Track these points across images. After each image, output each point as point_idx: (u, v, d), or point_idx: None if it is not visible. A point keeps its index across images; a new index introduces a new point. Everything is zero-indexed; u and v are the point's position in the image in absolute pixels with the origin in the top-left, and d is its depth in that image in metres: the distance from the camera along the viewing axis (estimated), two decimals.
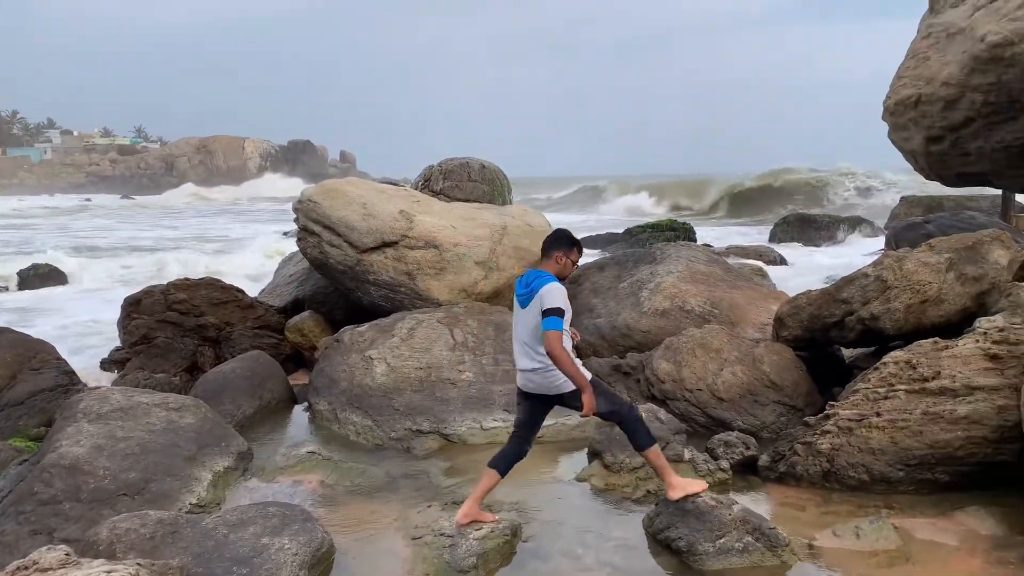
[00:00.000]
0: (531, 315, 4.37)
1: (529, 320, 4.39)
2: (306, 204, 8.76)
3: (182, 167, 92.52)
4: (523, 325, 4.45)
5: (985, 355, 5.20)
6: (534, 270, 4.52)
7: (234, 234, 32.18)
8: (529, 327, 4.40)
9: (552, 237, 4.63)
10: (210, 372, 7.63)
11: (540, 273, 4.44)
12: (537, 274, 4.44)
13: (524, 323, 4.44)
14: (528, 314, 4.40)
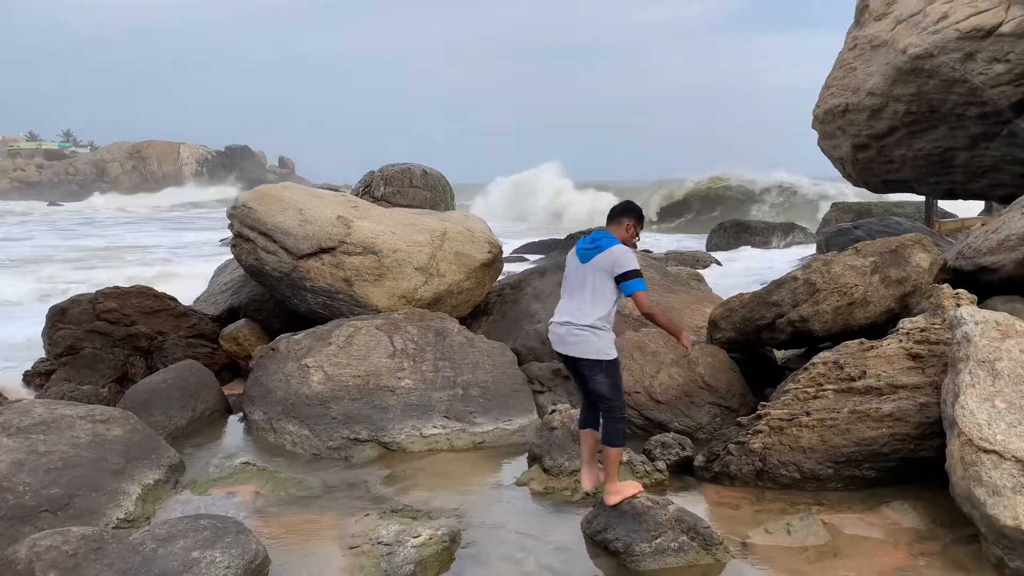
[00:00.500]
0: (591, 271, 4.46)
1: (587, 276, 4.47)
2: (240, 210, 8.58)
3: (114, 173, 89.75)
4: (578, 279, 4.52)
5: (908, 354, 5.40)
6: (600, 231, 4.63)
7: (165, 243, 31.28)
8: (586, 283, 4.46)
9: (624, 205, 4.78)
10: (140, 383, 7.40)
11: (608, 234, 4.56)
12: (605, 234, 4.56)
13: (579, 278, 4.51)
14: (587, 269, 4.48)
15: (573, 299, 4.53)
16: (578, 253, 4.60)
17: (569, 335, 4.50)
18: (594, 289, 4.45)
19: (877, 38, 10.54)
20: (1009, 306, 6.23)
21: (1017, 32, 8.33)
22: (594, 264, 4.47)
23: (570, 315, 4.51)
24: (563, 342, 4.54)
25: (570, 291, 4.58)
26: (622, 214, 4.70)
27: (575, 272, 4.58)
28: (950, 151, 9.87)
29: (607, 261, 4.45)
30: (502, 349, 7.33)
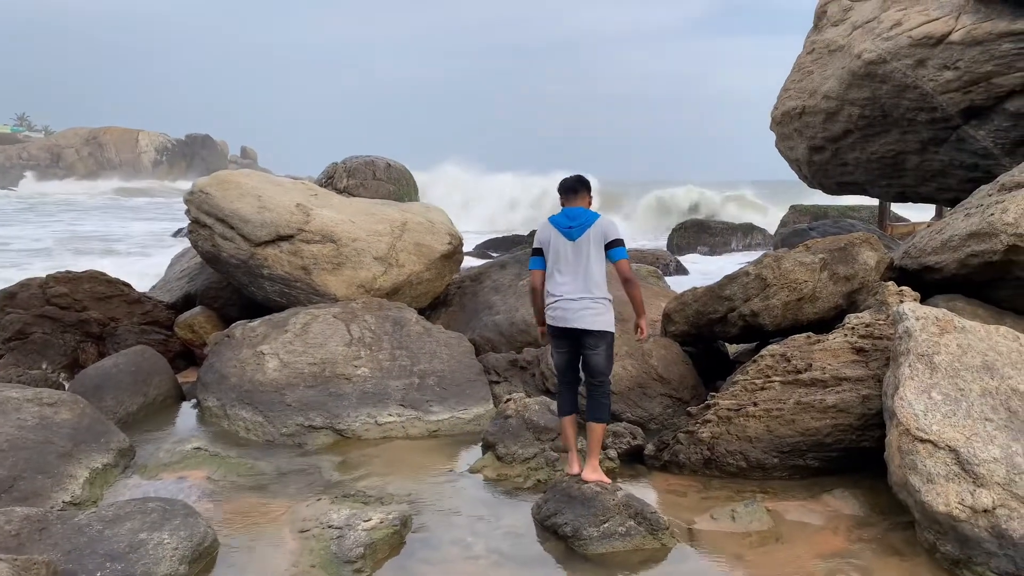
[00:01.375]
0: (587, 246, 4.66)
1: (584, 250, 4.65)
2: (198, 195, 8.48)
3: (70, 159, 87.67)
4: (575, 255, 4.69)
5: (852, 348, 5.56)
6: (570, 208, 4.81)
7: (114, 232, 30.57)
8: (585, 257, 4.65)
9: (578, 179, 4.96)
10: (90, 367, 7.28)
11: (581, 209, 4.79)
12: (578, 211, 4.78)
13: (576, 253, 4.68)
14: (581, 245, 4.67)
15: (577, 275, 4.70)
16: (562, 232, 4.75)
17: (585, 309, 4.67)
18: (595, 261, 4.69)
19: (834, 43, 10.76)
20: (951, 304, 6.43)
21: (966, 41, 8.57)
22: (588, 237, 4.67)
23: (585, 291, 4.68)
24: (578, 317, 4.68)
25: (570, 269, 4.71)
26: (581, 187, 4.91)
27: (567, 250, 4.73)
28: (902, 155, 10.11)
29: (599, 232, 4.69)
30: (459, 339, 7.37)
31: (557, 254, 4.79)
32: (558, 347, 4.93)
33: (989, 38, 8.42)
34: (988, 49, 8.45)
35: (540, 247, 4.91)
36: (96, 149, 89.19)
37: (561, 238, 4.77)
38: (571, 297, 4.71)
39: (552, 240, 4.82)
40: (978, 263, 6.39)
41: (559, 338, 4.87)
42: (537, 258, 4.95)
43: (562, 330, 4.79)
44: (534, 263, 4.97)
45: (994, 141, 8.94)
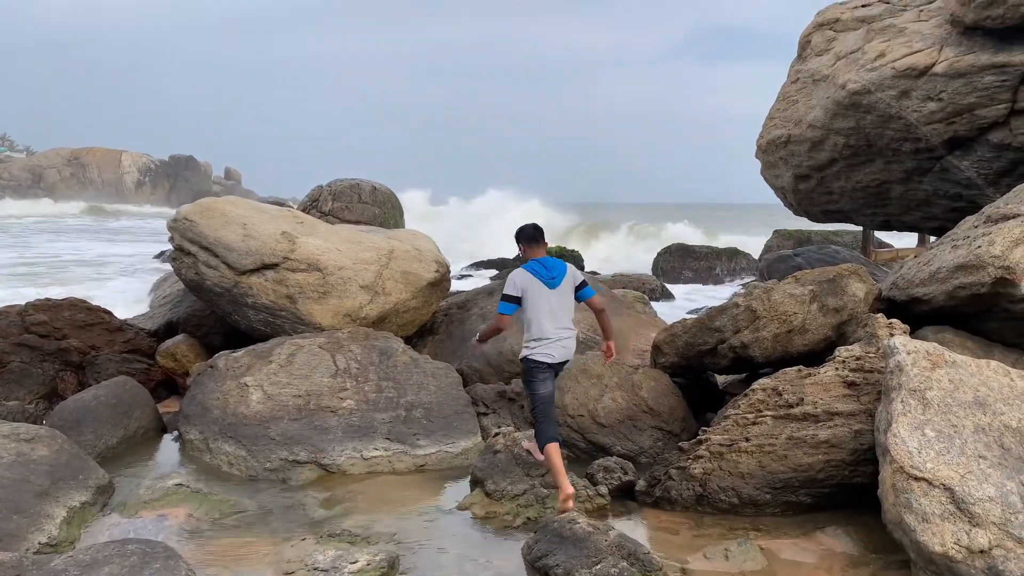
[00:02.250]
0: (566, 291, 5.40)
1: (565, 295, 5.39)
2: (182, 223, 8.38)
3: (51, 179, 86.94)
4: (559, 301, 5.37)
5: (843, 382, 5.52)
6: (544, 258, 5.46)
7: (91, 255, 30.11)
8: (566, 301, 5.41)
9: (539, 228, 5.64)
10: (69, 400, 7.13)
11: (555, 260, 5.46)
12: (553, 261, 5.45)
13: (560, 299, 5.37)
14: (563, 291, 5.38)
15: (559, 318, 5.38)
16: (544, 282, 5.36)
17: (571, 343, 5.44)
18: (571, 303, 5.47)
19: (818, 73, 10.87)
20: (939, 336, 6.43)
21: (949, 73, 8.67)
22: (565, 285, 5.40)
23: (568, 328, 5.42)
24: (568, 352, 5.44)
25: (553, 312, 5.35)
26: (541, 236, 5.59)
27: (550, 297, 5.34)
28: (886, 184, 10.19)
29: (571, 279, 5.45)
30: (447, 370, 7.28)
31: (543, 301, 5.33)
32: (545, 379, 5.37)
33: (972, 70, 8.52)
34: (971, 81, 8.54)
35: (518, 295, 5.35)
36: (78, 169, 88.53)
37: (543, 287, 5.34)
38: (564, 336, 5.37)
39: (533, 289, 5.34)
40: (966, 295, 6.40)
41: (547, 371, 5.37)
42: (511, 305, 5.37)
43: (552, 364, 5.37)
44: (509, 309, 5.38)
45: (978, 172, 9.02)
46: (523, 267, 5.43)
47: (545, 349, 5.31)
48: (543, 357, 5.31)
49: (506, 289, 5.38)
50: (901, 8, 10.38)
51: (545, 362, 5.32)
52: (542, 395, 5.32)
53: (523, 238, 5.56)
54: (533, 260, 5.44)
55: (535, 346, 5.32)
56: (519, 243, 5.61)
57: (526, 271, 5.37)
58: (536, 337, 5.32)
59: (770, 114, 11.79)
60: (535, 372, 5.35)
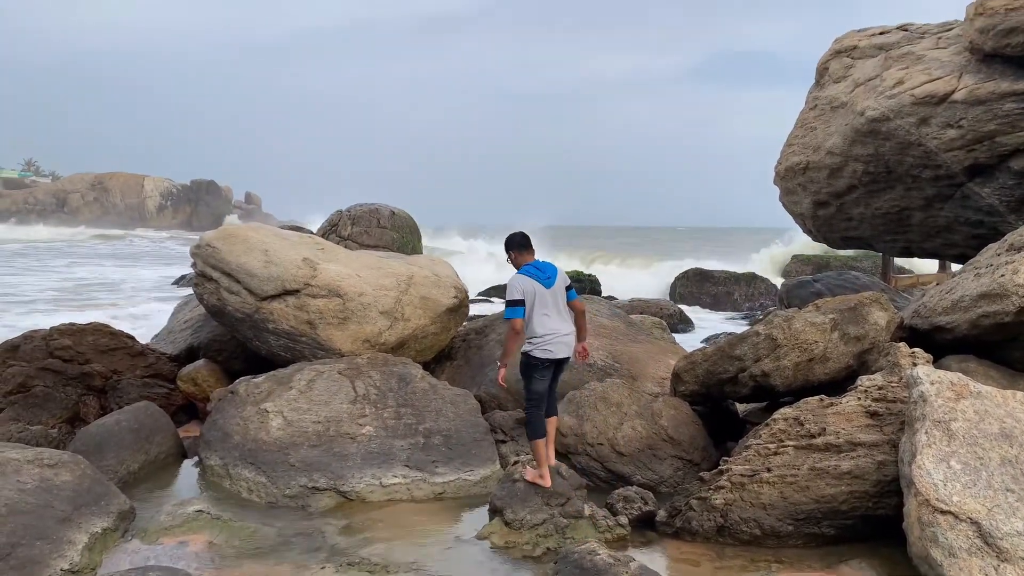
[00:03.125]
0: (560, 291, 5.75)
1: (559, 294, 5.75)
2: (205, 249, 8.48)
3: (75, 203, 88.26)
4: (555, 300, 5.72)
5: (866, 412, 5.48)
6: (537, 262, 5.84)
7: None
8: (561, 300, 5.76)
9: (527, 236, 6.03)
10: (92, 425, 7.19)
11: (546, 263, 5.86)
12: (545, 263, 5.85)
13: (556, 298, 5.72)
14: (557, 291, 5.74)
15: (560, 315, 5.74)
16: (542, 282, 5.72)
17: (571, 339, 5.77)
18: (564, 304, 5.79)
19: (836, 99, 10.88)
20: (963, 366, 6.37)
21: (969, 100, 8.65)
22: (559, 286, 5.77)
23: (567, 326, 5.77)
24: (568, 348, 5.75)
25: (554, 310, 5.70)
26: (529, 243, 5.98)
27: (549, 297, 5.70)
28: (906, 211, 10.14)
29: (562, 280, 5.84)
30: (465, 396, 7.28)
31: (543, 300, 5.69)
32: (544, 375, 5.73)
33: (992, 98, 8.51)
34: (991, 108, 8.52)
35: (523, 298, 5.64)
36: (101, 194, 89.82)
37: (541, 287, 5.70)
38: (564, 332, 5.71)
39: (536, 290, 5.68)
40: (990, 324, 6.35)
41: (548, 368, 5.72)
42: (519, 308, 5.63)
43: (554, 360, 5.70)
44: (519, 312, 5.62)
45: (999, 199, 8.96)
46: (520, 271, 5.80)
47: (547, 345, 5.63)
48: (545, 354, 5.63)
49: (511, 295, 5.68)
50: (919, 36, 10.40)
51: (547, 359, 5.64)
52: (538, 391, 5.70)
53: (514, 246, 5.95)
54: (527, 264, 5.83)
55: (538, 342, 5.64)
56: (510, 251, 5.98)
57: (524, 274, 5.75)
58: (539, 334, 5.64)
59: (788, 141, 11.79)
60: (536, 368, 5.69)
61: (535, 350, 5.64)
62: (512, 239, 6.00)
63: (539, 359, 5.64)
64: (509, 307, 5.64)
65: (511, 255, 5.98)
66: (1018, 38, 8.22)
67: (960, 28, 9.64)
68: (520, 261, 5.89)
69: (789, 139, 11.77)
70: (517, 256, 5.93)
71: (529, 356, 5.68)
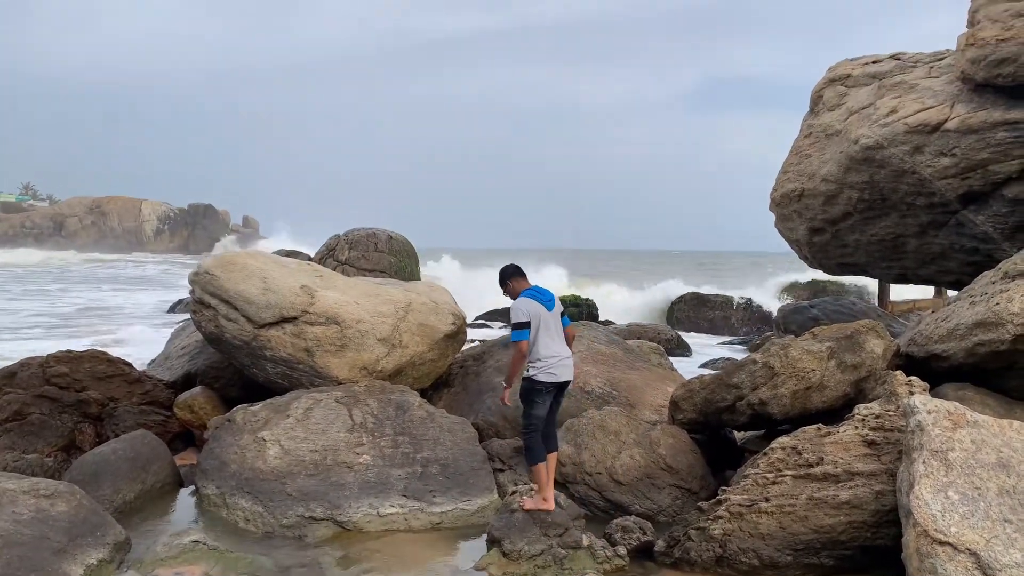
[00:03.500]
0: (558, 315, 5.91)
1: (558, 319, 5.90)
2: (203, 276, 8.50)
3: (72, 227, 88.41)
4: (556, 323, 5.87)
5: (864, 441, 5.48)
6: (537, 287, 6.02)
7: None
8: (560, 324, 5.91)
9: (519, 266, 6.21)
10: (89, 453, 7.16)
11: (543, 288, 6.01)
12: (543, 288, 6.01)
13: (557, 322, 5.88)
14: (556, 315, 5.89)
15: (561, 338, 5.89)
16: (545, 305, 5.86)
17: (571, 364, 5.90)
18: (562, 328, 5.94)
19: (831, 127, 10.98)
20: (960, 394, 6.39)
21: (961, 129, 8.74)
22: (557, 311, 5.93)
23: (566, 350, 5.89)
24: (570, 372, 5.86)
25: (554, 334, 5.84)
26: (523, 271, 6.17)
27: (551, 319, 5.84)
28: (901, 238, 10.21)
29: (559, 306, 5.99)
30: (463, 425, 7.27)
31: (546, 324, 5.81)
32: (546, 400, 5.78)
33: (984, 126, 8.60)
34: (984, 137, 8.61)
35: (530, 320, 5.75)
36: (99, 218, 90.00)
37: (544, 310, 5.83)
38: (565, 355, 5.85)
39: (540, 313, 5.81)
40: (985, 352, 6.38)
41: (549, 392, 5.78)
42: (525, 331, 5.74)
43: (556, 384, 5.79)
44: (525, 335, 5.73)
45: (993, 226, 9.03)
46: (522, 295, 5.94)
47: (551, 369, 5.72)
48: (550, 377, 5.71)
49: (516, 318, 5.78)
50: (911, 65, 10.53)
51: (552, 382, 5.72)
52: (538, 415, 5.75)
53: (509, 275, 6.11)
54: (527, 289, 5.98)
55: (541, 366, 5.72)
56: (507, 282, 6.11)
57: (527, 298, 5.88)
58: (542, 357, 5.73)
59: (783, 168, 11.88)
60: (538, 392, 5.75)
61: (539, 374, 5.73)
62: (506, 270, 6.16)
63: (543, 383, 5.73)
64: (515, 330, 5.76)
65: (508, 285, 6.10)
66: (1009, 68, 8.32)
67: (952, 58, 9.77)
68: (518, 288, 6.03)
69: (784, 166, 11.87)
70: (515, 284, 6.07)
71: (533, 380, 5.76)
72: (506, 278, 6.13)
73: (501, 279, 6.16)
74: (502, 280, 6.16)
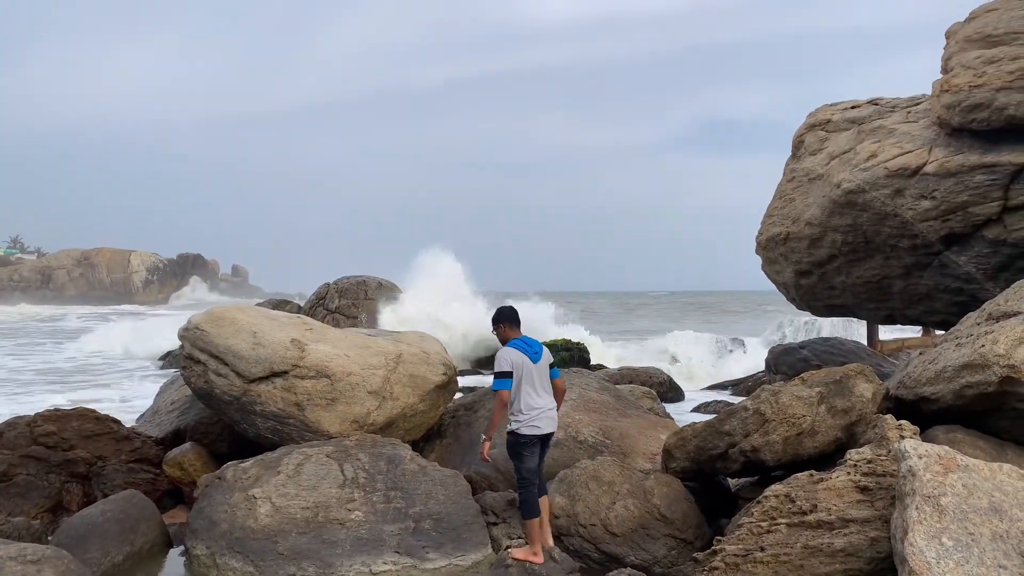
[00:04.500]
0: (544, 367, 5.96)
1: (544, 370, 5.95)
2: (193, 332, 8.50)
3: (60, 280, 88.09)
4: (542, 375, 5.93)
5: (856, 487, 5.47)
6: (524, 337, 6.06)
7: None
8: (545, 376, 5.96)
9: (516, 311, 6.27)
10: (76, 516, 7.06)
11: (532, 339, 6.08)
12: (531, 339, 6.07)
13: (541, 373, 5.93)
14: (542, 367, 5.94)
15: (546, 390, 5.96)
16: (530, 356, 5.92)
17: (555, 415, 6.01)
18: (548, 380, 6.01)
19: (813, 171, 11.20)
20: (950, 436, 6.41)
21: (940, 172, 8.94)
22: (544, 361, 5.99)
23: (549, 402, 5.96)
24: (553, 424, 5.97)
25: (539, 385, 5.90)
26: (518, 319, 6.20)
27: (535, 371, 5.89)
28: (887, 279, 10.35)
29: (547, 356, 6.07)
30: (455, 478, 7.22)
31: (530, 374, 5.86)
32: (533, 452, 5.86)
33: (962, 170, 8.79)
34: (962, 180, 8.80)
35: (512, 370, 5.80)
36: (88, 270, 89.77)
37: (529, 361, 5.88)
38: (549, 407, 5.92)
39: (524, 364, 5.85)
40: (973, 394, 6.42)
41: (535, 444, 5.86)
42: (507, 380, 5.80)
43: (540, 437, 5.87)
44: (507, 384, 5.80)
45: (976, 267, 9.17)
46: (508, 345, 5.98)
47: (534, 421, 5.80)
48: (532, 430, 5.79)
49: (500, 367, 5.84)
50: (889, 110, 10.78)
51: (534, 435, 5.79)
52: (529, 468, 5.84)
53: (503, 319, 6.16)
54: (515, 339, 6.02)
55: (524, 419, 5.79)
56: (499, 324, 6.16)
57: (513, 348, 5.92)
58: (524, 409, 5.79)
59: (768, 212, 12.06)
60: (525, 445, 5.82)
61: (522, 427, 5.81)
62: (502, 312, 6.23)
63: (527, 436, 5.81)
64: (497, 379, 5.84)
65: (500, 328, 6.18)
66: (983, 113, 8.54)
67: (928, 103, 10.02)
68: (507, 336, 6.10)
69: (769, 210, 12.04)
70: (505, 330, 6.14)
71: (516, 434, 5.84)
72: (498, 321, 6.21)
73: (494, 320, 6.24)
74: (495, 321, 6.23)
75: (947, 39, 9.68)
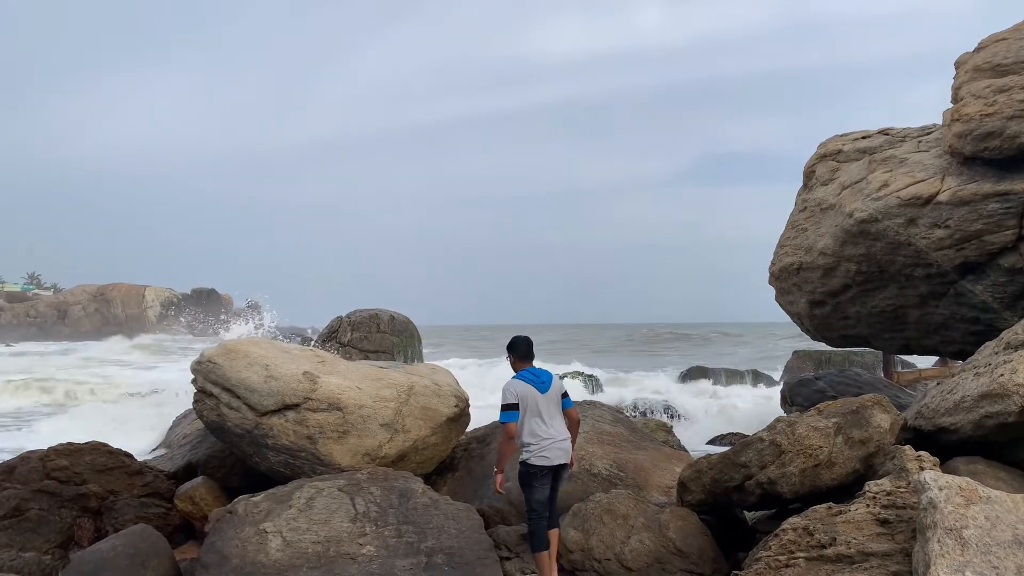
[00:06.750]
0: (554, 397, 6.00)
1: (554, 400, 5.98)
2: (205, 365, 8.51)
3: (76, 315, 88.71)
4: (549, 405, 5.95)
5: (876, 520, 5.37)
6: (533, 368, 6.13)
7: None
8: (556, 406, 5.98)
9: (530, 342, 6.33)
10: (87, 551, 7.02)
11: (542, 369, 6.16)
12: (541, 370, 6.14)
13: (550, 403, 5.96)
14: (552, 397, 5.98)
15: (553, 421, 5.96)
16: (537, 387, 5.96)
17: (566, 444, 5.99)
18: (559, 410, 6.03)
19: (825, 201, 11.17)
20: (971, 467, 6.29)
21: (953, 201, 8.90)
22: (553, 391, 6.02)
23: (562, 432, 5.98)
24: (564, 454, 5.95)
25: (548, 416, 5.91)
26: (531, 350, 6.28)
27: (543, 402, 5.92)
28: (902, 308, 10.26)
29: (558, 387, 6.11)
30: (468, 511, 7.14)
31: (537, 406, 5.89)
32: (543, 483, 5.88)
33: (975, 198, 8.75)
34: (976, 208, 8.76)
35: (518, 402, 5.87)
36: (103, 305, 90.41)
37: (537, 393, 5.93)
38: (559, 438, 5.92)
39: (530, 395, 5.91)
40: (993, 424, 6.32)
41: (545, 475, 5.87)
42: (514, 412, 5.87)
43: (551, 468, 5.88)
44: (513, 416, 5.87)
45: (992, 295, 9.09)
46: (515, 376, 6.06)
47: (543, 452, 5.82)
48: (542, 461, 5.81)
49: (506, 399, 5.92)
50: (900, 140, 10.78)
51: (545, 466, 5.81)
52: (539, 500, 5.87)
53: (515, 350, 6.25)
54: (523, 370, 6.09)
55: (535, 449, 5.83)
56: (511, 354, 6.27)
57: (519, 379, 6.00)
58: (533, 440, 5.83)
59: (780, 242, 12.02)
60: (534, 476, 5.85)
61: (532, 458, 5.84)
62: (515, 344, 6.32)
63: (536, 467, 5.83)
64: (503, 411, 5.95)
65: (512, 358, 6.29)
66: (995, 142, 8.53)
67: (939, 132, 10.02)
68: (517, 367, 6.19)
69: (781, 240, 12.01)
70: (516, 361, 6.23)
71: (527, 464, 5.84)
72: (510, 350, 6.34)
73: (508, 348, 6.37)
74: (509, 349, 6.36)
75: (956, 68, 9.71)
